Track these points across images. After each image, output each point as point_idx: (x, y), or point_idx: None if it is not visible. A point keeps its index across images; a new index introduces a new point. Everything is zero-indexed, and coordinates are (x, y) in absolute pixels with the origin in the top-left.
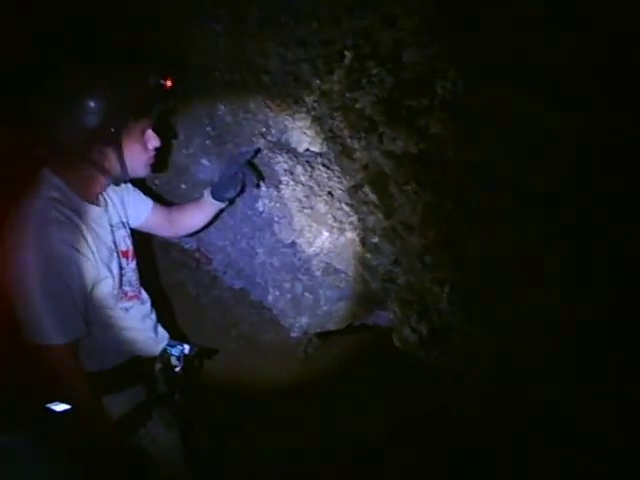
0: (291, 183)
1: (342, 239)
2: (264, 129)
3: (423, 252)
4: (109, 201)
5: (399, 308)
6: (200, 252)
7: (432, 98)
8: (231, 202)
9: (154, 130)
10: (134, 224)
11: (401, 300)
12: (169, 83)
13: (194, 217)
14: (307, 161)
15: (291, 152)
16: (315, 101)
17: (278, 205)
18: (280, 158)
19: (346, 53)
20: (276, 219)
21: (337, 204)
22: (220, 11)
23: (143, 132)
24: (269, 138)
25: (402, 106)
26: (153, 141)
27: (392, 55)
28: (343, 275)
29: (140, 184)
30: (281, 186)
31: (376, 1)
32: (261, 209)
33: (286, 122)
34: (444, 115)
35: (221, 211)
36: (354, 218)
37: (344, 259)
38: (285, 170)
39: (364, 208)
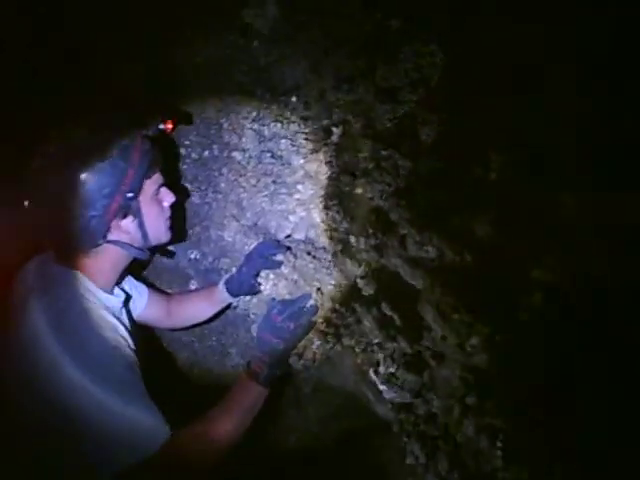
0: (270, 275)
1: (337, 348)
2: (236, 211)
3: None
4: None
5: (420, 448)
6: None
7: (469, 185)
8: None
9: (166, 186)
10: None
11: (422, 436)
12: (170, 126)
13: (199, 309)
14: (289, 249)
15: (270, 239)
16: (299, 182)
17: (255, 300)
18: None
19: (333, 129)
20: (252, 316)
21: (329, 303)
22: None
23: (157, 190)
24: (243, 222)
25: (429, 199)
26: (168, 198)
27: (398, 133)
28: (339, 390)
29: None
30: (258, 278)
31: (368, 72)
32: (234, 302)
33: (263, 204)
34: (492, 211)
35: None
36: (355, 323)
37: (340, 373)
38: None
39: (370, 318)
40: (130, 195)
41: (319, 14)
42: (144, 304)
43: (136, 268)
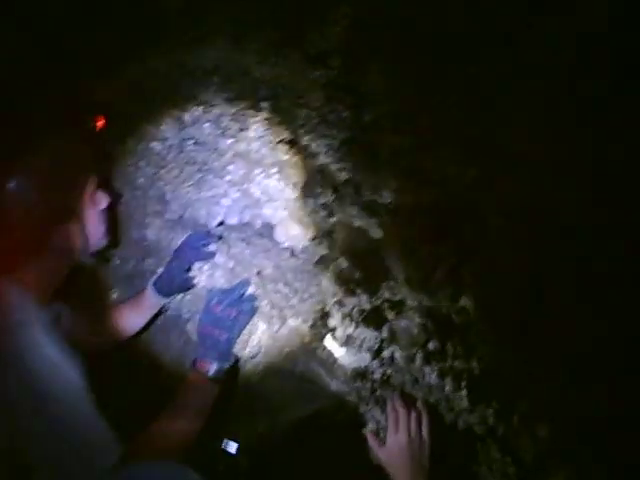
0: (204, 267)
1: (283, 331)
2: (159, 207)
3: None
4: None
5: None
6: None
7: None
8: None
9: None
10: None
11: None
12: (100, 123)
13: (128, 321)
14: (221, 238)
15: (199, 230)
16: (228, 163)
17: (188, 297)
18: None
19: (262, 105)
20: (186, 315)
21: (271, 285)
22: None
23: (93, 192)
24: (167, 216)
25: (381, 144)
26: (104, 200)
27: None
28: (289, 374)
29: None
30: (191, 272)
31: (294, 41)
32: (166, 305)
33: (189, 194)
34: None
35: None
36: (300, 301)
37: (288, 355)
38: None
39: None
40: (71, 197)
41: None
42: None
43: None
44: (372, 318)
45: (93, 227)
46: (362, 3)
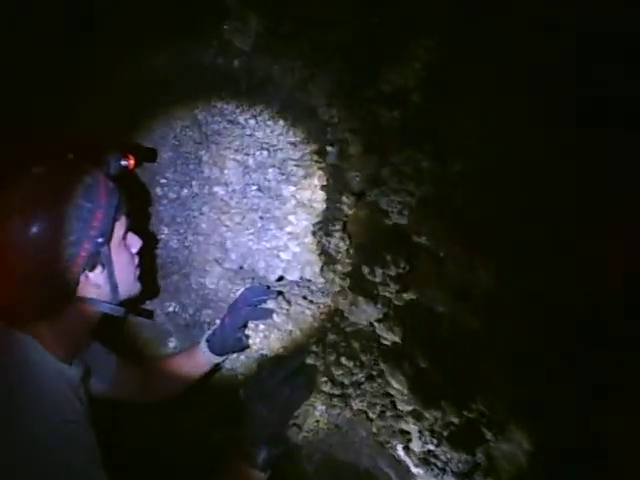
0: (260, 327)
1: (347, 414)
2: (219, 254)
3: None
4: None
5: None
6: None
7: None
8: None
9: (132, 230)
10: (97, 390)
11: None
12: (132, 162)
13: (180, 377)
14: (281, 294)
15: (258, 282)
16: (290, 213)
17: (242, 358)
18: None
19: (329, 149)
20: (240, 376)
21: (333, 356)
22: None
23: (125, 235)
24: (227, 265)
25: (470, 205)
26: (136, 243)
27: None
28: (351, 468)
29: None
30: (246, 330)
31: (367, 80)
32: (222, 362)
33: (249, 243)
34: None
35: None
36: (367, 380)
37: (352, 446)
38: None
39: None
40: (100, 240)
41: (306, 24)
42: (110, 377)
43: (104, 329)
44: (462, 435)
45: (123, 273)
46: (445, 33)
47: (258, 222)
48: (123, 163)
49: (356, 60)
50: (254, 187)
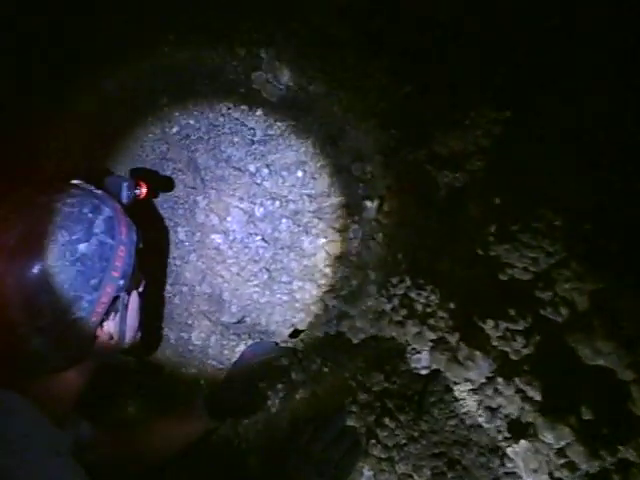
0: (278, 387)
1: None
2: (208, 306)
3: None
4: None
5: None
6: None
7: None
8: None
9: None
10: None
11: None
12: (144, 190)
13: (166, 443)
14: (294, 351)
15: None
16: (317, 267)
17: (247, 423)
18: None
19: (367, 204)
20: (245, 445)
21: (371, 417)
22: None
23: (134, 272)
24: (224, 319)
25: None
26: (141, 281)
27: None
28: None
29: None
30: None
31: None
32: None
33: (255, 296)
34: None
35: None
36: (410, 441)
37: None
38: None
39: None
40: (122, 283)
41: (339, 85)
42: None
43: None
44: None
45: (132, 318)
46: (511, 102)
47: (264, 274)
48: (137, 192)
49: (391, 123)
50: (258, 237)
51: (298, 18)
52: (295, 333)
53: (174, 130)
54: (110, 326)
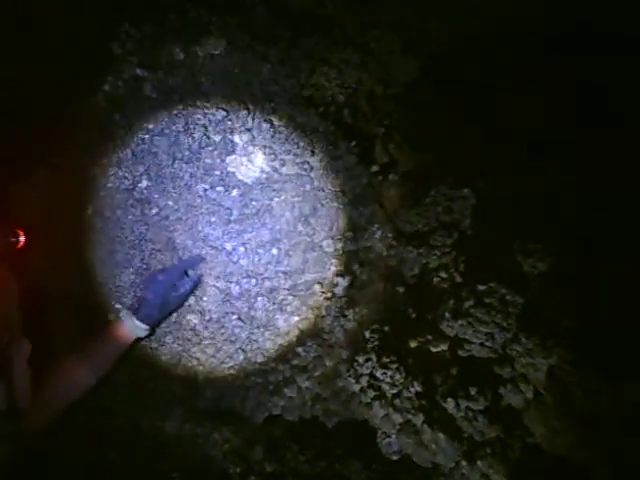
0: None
1: None
2: (182, 391)
3: None
4: None
5: None
6: None
7: None
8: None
9: None
10: None
11: None
12: (22, 238)
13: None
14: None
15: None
16: (296, 345)
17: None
18: None
19: (338, 280)
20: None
21: None
22: None
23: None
24: (200, 404)
25: None
26: (27, 346)
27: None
28: None
29: None
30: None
31: (374, 219)
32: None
33: (229, 378)
34: None
35: None
36: None
37: None
38: None
39: None
40: (6, 339)
41: (309, 168)
42: None
43: None
44: None
45: (21, 378)
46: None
47: (239, 355)
48: (13, 240)
49: (360, 202)
50: (234, 316)
51: (269, 107)
52: (270, 418)
53: (153, 211)
54: None
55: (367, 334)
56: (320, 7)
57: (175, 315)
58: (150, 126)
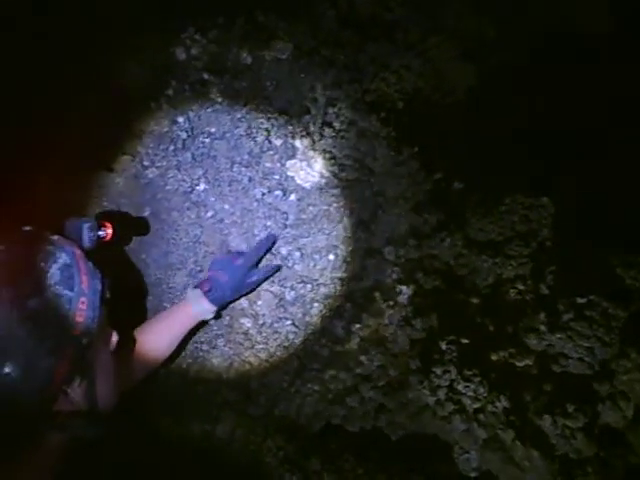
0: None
1: None
2: (238, 396)
3: None
4: None
5: None
6: None
7: None
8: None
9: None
10: None
11: None
12: (109, 231)
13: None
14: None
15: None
16: (359, 354)
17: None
18: None
19: (402, 288)
20: None
21: None
22: None
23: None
24: (251, 410)
25: None
26: (115, 337)
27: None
28: None
29: None
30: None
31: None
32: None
33: (284, 384)
34: None
35: None
36: None
37: None
38: None
39: None
40: (85, 342)
41: (370, 172)
42: None
43: None
44: None
45: (106, 380)
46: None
47: (294, 361)
48: (101, 233)
49: (424, 208)
50: (288, 322)
51: (332, 112)
52: (328, 427)
53: (209, 214)
54: (76, 394)
55: (443, 345)
56: (388, 12)
57: (228, 318)
58: (212, 129)
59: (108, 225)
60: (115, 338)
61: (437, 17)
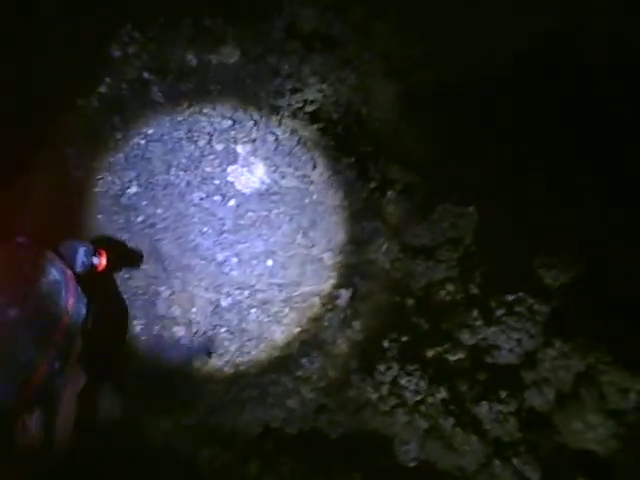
0: None
1: None
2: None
3: None
4: None
5: None
6: None
7: None
8: None
9: None
10: None
11: None
12: (103, 261)
13: None
14: None
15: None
16: (301, 357)
17: None
18: None
19: (341, 292)
20: None
21: None
22: None
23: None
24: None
25: None
26: (82, 377)
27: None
28: None
29: None
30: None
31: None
32: None
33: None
34: None
35: None
36: None
37: None
38: None
39: None
40: (57, 367)
41: (309, 181)
42: None
43: None
44: None
45: (67, 415)
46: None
47: (230, 367)
48: (94, 261)
49: (361, 217)
50: (223, 329)
51: (275, 120)
52: (266, 431)
53: (139, 219)
54: (32, 424)
55: (385, 343)
56: (329, 28)
57: (158, 327)
58: (150, 131)
59: (103, 253)
60: (83, 380)
61: (370, 35)
